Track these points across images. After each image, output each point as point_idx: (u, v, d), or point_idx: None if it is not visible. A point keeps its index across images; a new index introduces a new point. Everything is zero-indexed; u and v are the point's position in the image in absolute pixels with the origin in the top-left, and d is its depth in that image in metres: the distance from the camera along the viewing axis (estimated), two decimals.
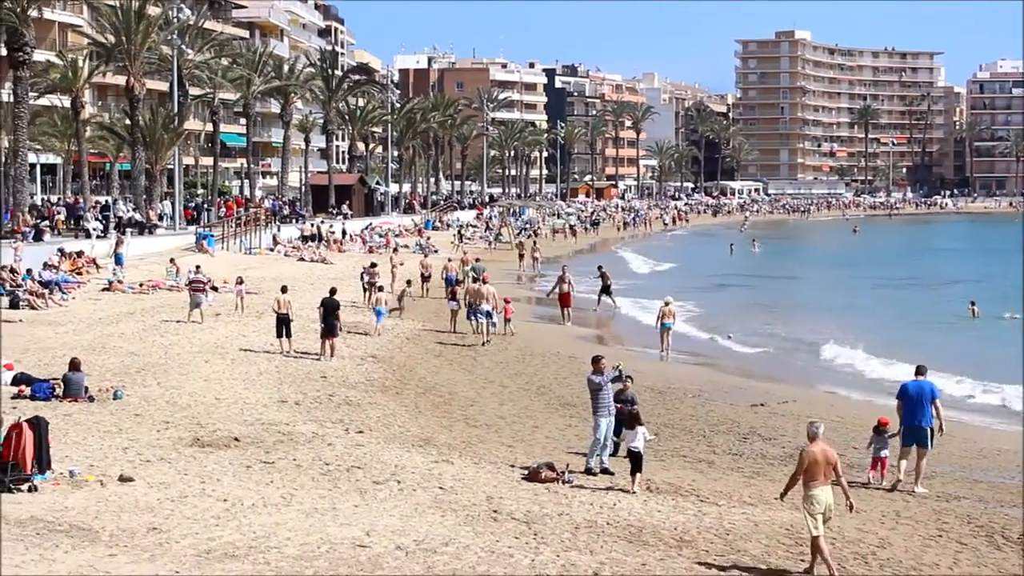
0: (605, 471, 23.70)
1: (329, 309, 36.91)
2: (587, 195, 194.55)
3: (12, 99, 66.83)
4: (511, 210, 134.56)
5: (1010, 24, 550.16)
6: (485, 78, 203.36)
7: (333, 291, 39.05)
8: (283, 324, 37.39)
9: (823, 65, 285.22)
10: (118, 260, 56.40)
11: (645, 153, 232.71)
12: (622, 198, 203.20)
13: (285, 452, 23.99)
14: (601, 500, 21.58)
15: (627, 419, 22.94)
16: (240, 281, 47.92)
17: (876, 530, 20.45)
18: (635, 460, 22.31)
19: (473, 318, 44.29)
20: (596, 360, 24.65)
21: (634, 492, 21.97)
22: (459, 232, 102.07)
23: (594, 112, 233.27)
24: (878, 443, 24.61)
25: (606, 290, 55.52)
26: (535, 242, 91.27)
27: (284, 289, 39.38)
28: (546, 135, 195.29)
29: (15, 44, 62.67)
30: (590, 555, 18.26)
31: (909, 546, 19.65)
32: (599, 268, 58.73)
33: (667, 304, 43.64)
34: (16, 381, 29.64)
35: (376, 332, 42.65)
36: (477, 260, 64.44)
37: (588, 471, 23.68)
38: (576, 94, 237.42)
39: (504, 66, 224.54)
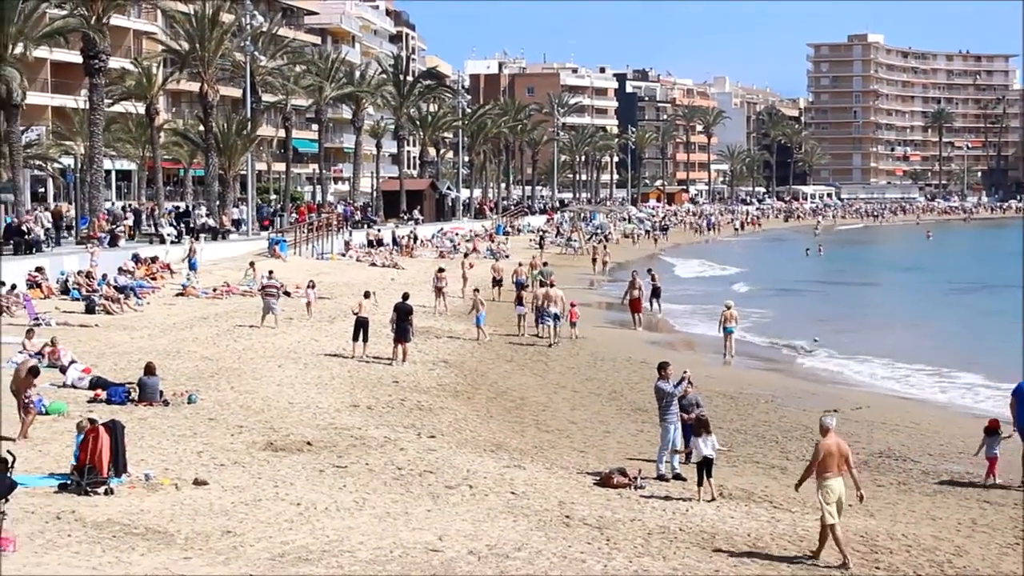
0: (677, 476, 23.60)
1: (402, 314, 36.98)
2: (658, 200, 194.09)
3: (88, 106, 67.51)
4: (582, 215, 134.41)
5: None
6: (556, 83, 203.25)
7: (406, 296, 39.15)
8: (362, 328, 37.50)
9: (896, 68, 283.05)
10: (192, 265, 56.83)
11: (716, 157, 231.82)
12: (693, 203, 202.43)
13: (358, 456, 24.06)
14: (674, 506, 21.48)
15: (696, 426, 22.71)
16: (311, 285, 48.16)
17: (952, 537, 20.23)
18: (706, 467, 22.09)
19: (541, 321, 44.87)
20: (663, 367, 24.53)
21: (710, 499, 21.74)
22: (541, 238, 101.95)
23: (665, 117, 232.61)
24: (990, 444, 24.49)
25: (656, 293, 55.35)
26: (606, 247, 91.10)
27: (367, 294, 39.49)
28: (617, 140, 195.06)
29: (91, 52, 63.31)
30: (663, 561, 18.18)
31: (986, 554, 19.42)
32: (648, 271, 58.52)
33: (728, 308, 43.89)
34: (93, 385, 29.95)
35: (483, 336, 43.26)
36: (545, 264, 64.57)
37: (660, 477, 23.60)
38: (647, 99, 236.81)
39: (575, 71, 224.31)
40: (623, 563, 17.94)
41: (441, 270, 53.34)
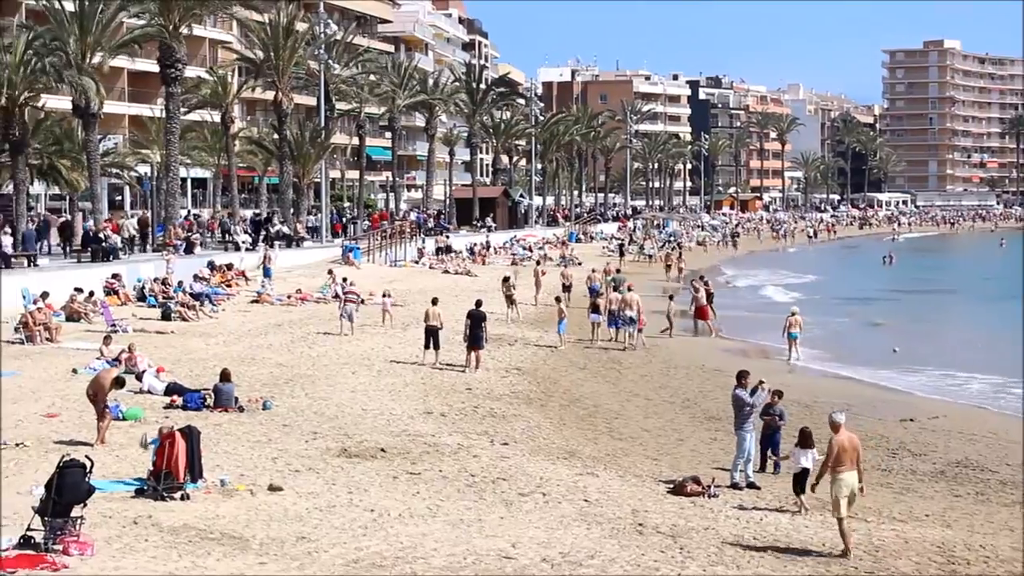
0: (751, 485, 23.47)
1: (476, 320, 37.02)
2: (731, 207, 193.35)
3: (164, 114, 68.12)
4: (655, 222, 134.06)
5: None
6: (628, 90, 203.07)
7: (479, 303, 39.20)
8: (432, 336, 37.56)
9: (973, 74, 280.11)
10: (267, 273, 57.21)
11: (790, 165, 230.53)
12: (767, 210, 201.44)
13: (431, 463, 24.11)
14: (748, 515, 21.36)
15: (800, 438, 22.38)
16: (387, 295, 48.34)
17: None
18: (802, 479, 21.81)
19: (614, 326, 45.63)
20: (742, 375, 24.42)
21: (805, 511, 21.51)
22: (621, 246, 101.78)
23: (738, 124, 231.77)
24: None
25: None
26: (680, 254, 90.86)
27: (435, 301, 39.53)
28: (690, 147, 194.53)
29: (167, 61, 63.88)
30: (737, 570, 18.10)
31: None
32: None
33: (793, 314, 44.92)
34: (168, 391, 30.21)
35: (563, 344, 43.51)
36: (618, 271, 64.54)
37: (734, 486, 23.48)
38: (720, 106, 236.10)
39: (648, 78, 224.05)
40: (697, 572, 17.87)
41: (506, 278, 53.35)
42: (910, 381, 41.28)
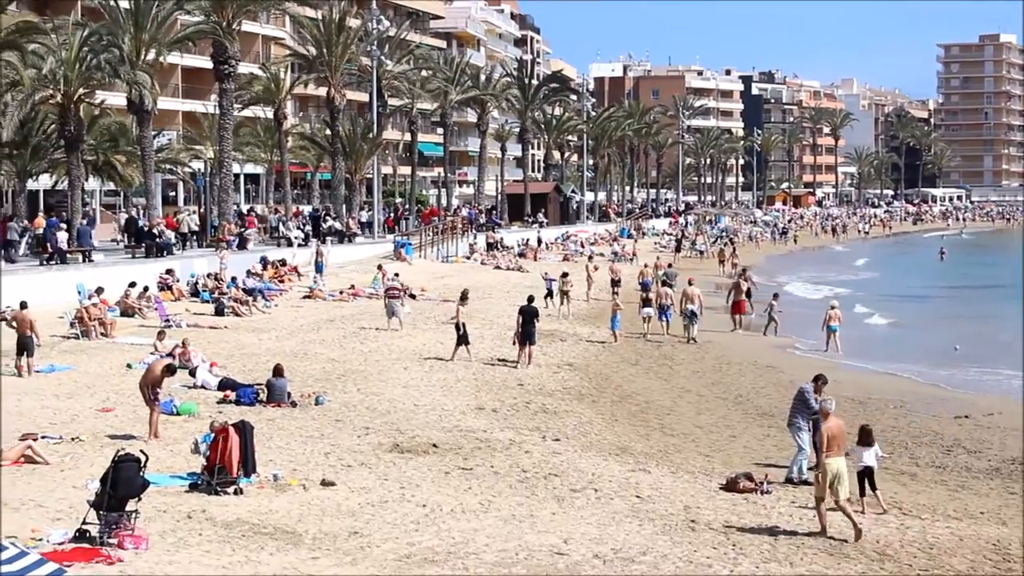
0: (805, 482, 23.37)
1: (527, 316, 37.01)
2: (784, 203, 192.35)
3: (218, 111, 68.45)
4: (706, 218, 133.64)
5: None
6: (681, 86, 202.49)
7: (531, 299, 39.21)
8: (460, 331, 37.54)
9: None
10: (319, 268, 57.38)
11: (843, 160, 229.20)
12: (820, 205, 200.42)
13: (483, 459, 24.14)
14: (801, 512, 21.27)
15: (860, 436, 22.24)
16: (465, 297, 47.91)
17: None
18: (868, 477, 21.64)
19: (664, 319, 46.02)
20: (819, 379, 24.52)
21: (882, 512, 21.39)
22: (677, 241, 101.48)
23: (791, 119, 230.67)
24: None
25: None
26: (734, 249, 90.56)
27: (464, 298, 39.54)
28: (742, 142, 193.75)
29: (221, 57, 64.17)
30: (790, 567, 18.03)
31: None
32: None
33: (833, 308, 45.71)
34: (222, 386, 30.38)
35: (617, 340, 43.61)
36: (670, 266, 64.45)
37: (789, 480, 23.41)
38: (773, 101, 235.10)
39: (700, 73, 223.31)
40: (749, 568, 17.82)
41: (565, 274, 53.34)
42: (965, 378, 40.94)
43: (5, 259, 49.82)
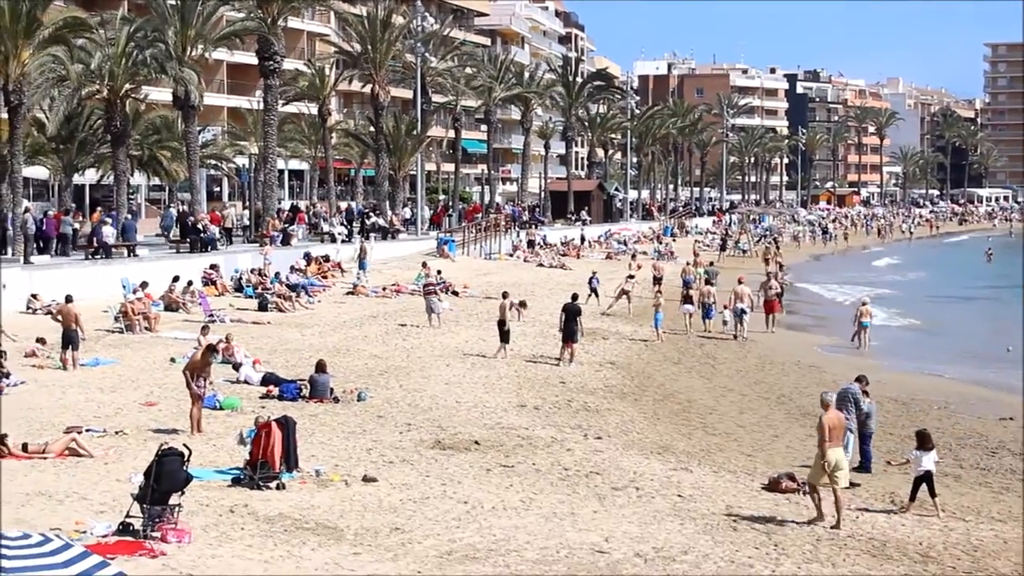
0: (851, 484, 23.25)
1: (570, 314, 37.00)
2: (828, 202, 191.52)
3: (262, 107, 68.72)
4: (750, 217, 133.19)
5: None
6: (725, 84, 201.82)
7: (575, 296, 39.17)
8: (502, 329, 37.57)
9: None
10: (362, 265, 57.51)
11: (889, 159, 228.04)
12: (865, 205, 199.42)
13: (524, 456, 24.14)
14: (843, 513, 21.15)
15: (919, 440, 22.04)
16: (506, 296, 47.92)
17: None
18: (927, 482, 21.50)
19: (707, 317, 46.51)
20: (861, 379, 24.40)
21: (939, 516, 21.22)
22: (723, 239, 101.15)
23: (836, 118, 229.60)
24: None
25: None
26: (778, 248, 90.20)
27: (505, 295, 39.61)
28: (787, 141, 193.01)
29: (266, 53, 64.37)
30: (832, 568, 17.96)
31: None
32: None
33: (864, 304, 46.67)
34: (265, 381, 30.50)
35: (659, 338, 43.44)
36: (711, 264, 64.32)
37: None
38: (818, 100, 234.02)
39: (745, 72, 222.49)
40: (791, 569, 17.76)
41: (631, 276, 53.54)
42: (1009, 380, 40.63)
43: (60, 252, 50.18)
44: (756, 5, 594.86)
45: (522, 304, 44.90)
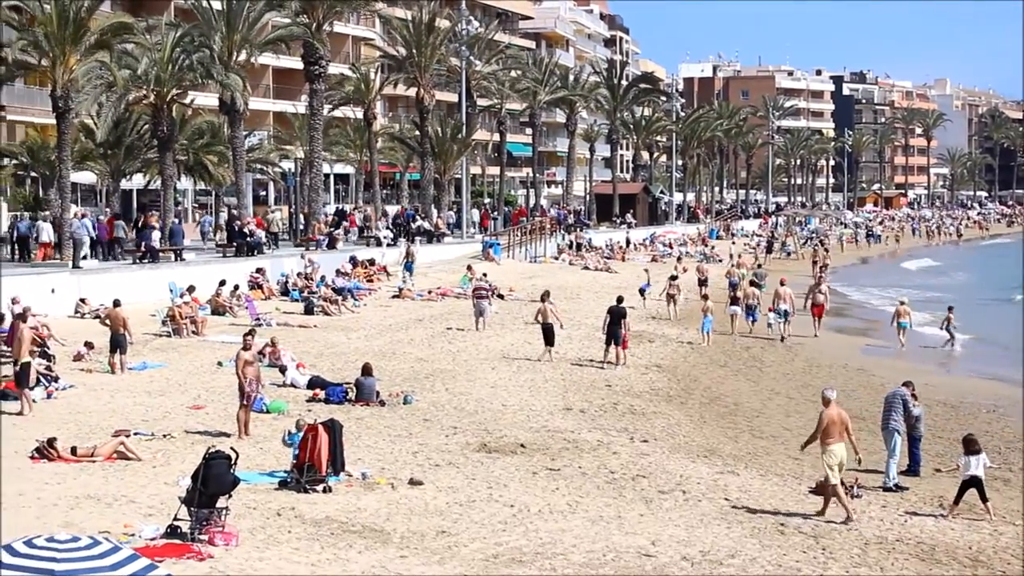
0: (897, 487, 23.15)
1: (615, 317, 36.94)
2: (875, 204, 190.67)
3: (308, 111, 68.91)
4: (796, 219, 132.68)
5: None
6: (771, 86, 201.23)
7: (620, 299, 39.04)
8: (546, 332, 37.54)
9: None
10: (408, 268, 57.61)
11: (936, 161, 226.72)
12: (912, 207, 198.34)
13: (570, 459, 24.11)
14: (892, 516, 21.07)
15: (965, 445, 21.89)
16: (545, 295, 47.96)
17: None
18: (976, 486, 21.38)
19: (751, 319, 46.89)
20: (909, 384, 24.28)
21: (990, 520, 21.07)
22: (769, 242, 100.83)
23: (883, 120, 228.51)
24: None
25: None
26: (827, 250, 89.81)
27: (545, 296, 39.52)
28: (833, 143, 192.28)
29: (311, 58, 64.60)
30: (880, 572, 17.88)
31: None
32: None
33: (902, 303, 47.23)
34: (311, 384, 30.57)
35: (707, 342, 43.42)
36: (759, 266, 64.11)
37: (887, 488, 23.14)
38: (864, 101, 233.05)
39: (790, 74, 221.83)
40: (839, 573, 17.70)
41: (674, 277, 53.36)
42: None
43: (111, 256, 50.50)
44: (802, 6, 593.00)
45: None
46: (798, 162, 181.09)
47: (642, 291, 53.34)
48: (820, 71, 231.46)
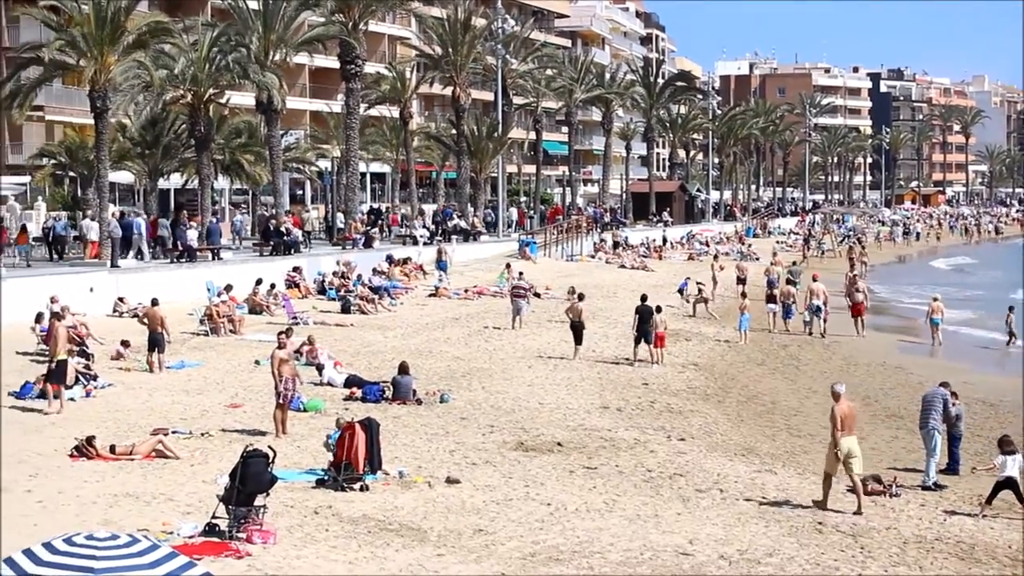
0: (937, 486, 23.04)
1: (644, 315, 36.96)
2: (913, 201, 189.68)
3: (344, 110, 69.05)
4: (833, 217, 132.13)
5: None
6: (807, 83, 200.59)
7: (644, 297, 38.98)
8: (575, 331, 37.51)
9: None
10: (441, 266, 57.63)
11: (974, 158, 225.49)
12: (950, 204, 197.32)
13: (607, 458, 24.08)
14: (931, 515, 20.96)
15: (1001, 445, 21.77)
16: (572, 291, 48.02)
17: None
18: (1011, 487, 21.25)
19: (787, 317, 47.06)
20: (946, 385, 24.20)
21: None
22: (806, 239, 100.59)
23: (921, 117, 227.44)
24: None
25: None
26: (864, 248, 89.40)
27: (580, 296, 39.53)
28: (870, 141, 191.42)
29: (347, 57, 64.66)
30: (919, 571, 17.80)
31: None
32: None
33: (935, 300, 46.77)
34: (348, 383, 30.63)
35: (744, 340, 43.45)
36: (794, 263, 64.02)
37: (926, 487, 23.02)
38: (902, 98, 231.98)
39: (827, 71, 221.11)
40: (877, 572, 17.63)
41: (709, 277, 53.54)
42: None
43: (152, 255, 50.69)
44: (838, 4, 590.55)
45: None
46: (835, 160, 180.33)
47: (681, 291, 53.23)
48: (857, 68, 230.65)
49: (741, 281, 57.23)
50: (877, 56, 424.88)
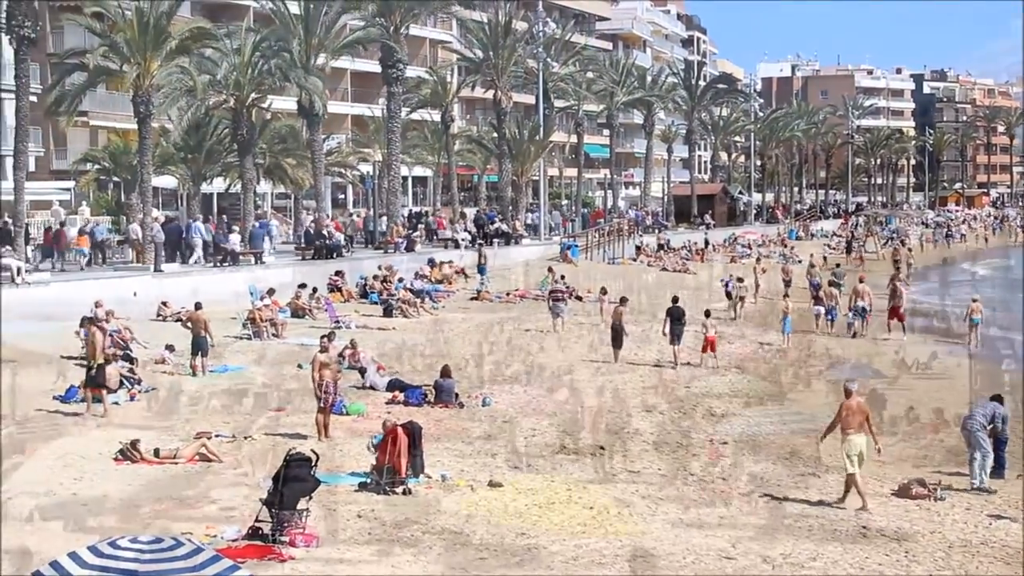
0: (982, 489, 22.88)
1: (674, 317, 36.94)
2: (957, 204, 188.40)
3: (386, 114, 69.16)
4: (876, 219, 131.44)
5: None
6: (850, 85, 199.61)
7: (675, 299, 38.97)
8: (616, 334, 37.49)
9: None
10: (481, 270, 57.66)
11: (1019, 159, 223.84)
12: (994, 206, 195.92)
13: (650, 461, 24.05)
14: (975, 519, 20.82)
15: None
16: (604, 292, 48.10)
17: None
18: None
19: (831, 318, 47.25)
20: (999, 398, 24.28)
21: None
22: (848, 242, 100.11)
23: (964, 118, 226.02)
24: None
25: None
26: (910, 250, 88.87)
27: (623, 300, 39.46)
28: (913, 142, 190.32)
29: (389, 61, 64.82)
30: (964, 575, 17.66)
31: None
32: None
33: (975, 301, 46.32)
34: (391, 387, 30.67)
35: (787, 343, 43.21)
36: (838, 266, 63.77)
37: (976, 489, 22.88)
38: (945, 100, 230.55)
39: (870, 72, 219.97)
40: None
41: (741, 279, 53.08)
42: None
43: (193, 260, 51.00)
44: (881, 5, 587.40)
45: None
46: (878, 161, 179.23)
47: (729, 294, 53.05)
48: (900, 70, 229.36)
49: (787, 284, 57.01)
50: (920, 57, 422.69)
